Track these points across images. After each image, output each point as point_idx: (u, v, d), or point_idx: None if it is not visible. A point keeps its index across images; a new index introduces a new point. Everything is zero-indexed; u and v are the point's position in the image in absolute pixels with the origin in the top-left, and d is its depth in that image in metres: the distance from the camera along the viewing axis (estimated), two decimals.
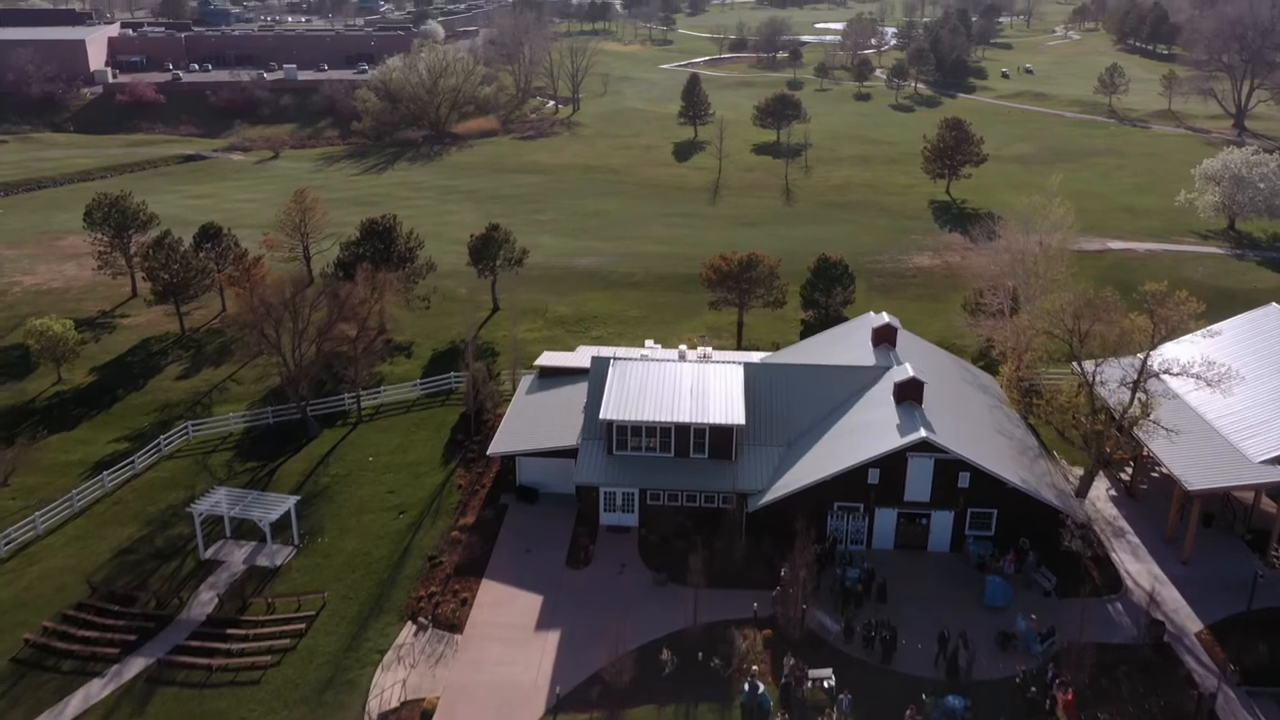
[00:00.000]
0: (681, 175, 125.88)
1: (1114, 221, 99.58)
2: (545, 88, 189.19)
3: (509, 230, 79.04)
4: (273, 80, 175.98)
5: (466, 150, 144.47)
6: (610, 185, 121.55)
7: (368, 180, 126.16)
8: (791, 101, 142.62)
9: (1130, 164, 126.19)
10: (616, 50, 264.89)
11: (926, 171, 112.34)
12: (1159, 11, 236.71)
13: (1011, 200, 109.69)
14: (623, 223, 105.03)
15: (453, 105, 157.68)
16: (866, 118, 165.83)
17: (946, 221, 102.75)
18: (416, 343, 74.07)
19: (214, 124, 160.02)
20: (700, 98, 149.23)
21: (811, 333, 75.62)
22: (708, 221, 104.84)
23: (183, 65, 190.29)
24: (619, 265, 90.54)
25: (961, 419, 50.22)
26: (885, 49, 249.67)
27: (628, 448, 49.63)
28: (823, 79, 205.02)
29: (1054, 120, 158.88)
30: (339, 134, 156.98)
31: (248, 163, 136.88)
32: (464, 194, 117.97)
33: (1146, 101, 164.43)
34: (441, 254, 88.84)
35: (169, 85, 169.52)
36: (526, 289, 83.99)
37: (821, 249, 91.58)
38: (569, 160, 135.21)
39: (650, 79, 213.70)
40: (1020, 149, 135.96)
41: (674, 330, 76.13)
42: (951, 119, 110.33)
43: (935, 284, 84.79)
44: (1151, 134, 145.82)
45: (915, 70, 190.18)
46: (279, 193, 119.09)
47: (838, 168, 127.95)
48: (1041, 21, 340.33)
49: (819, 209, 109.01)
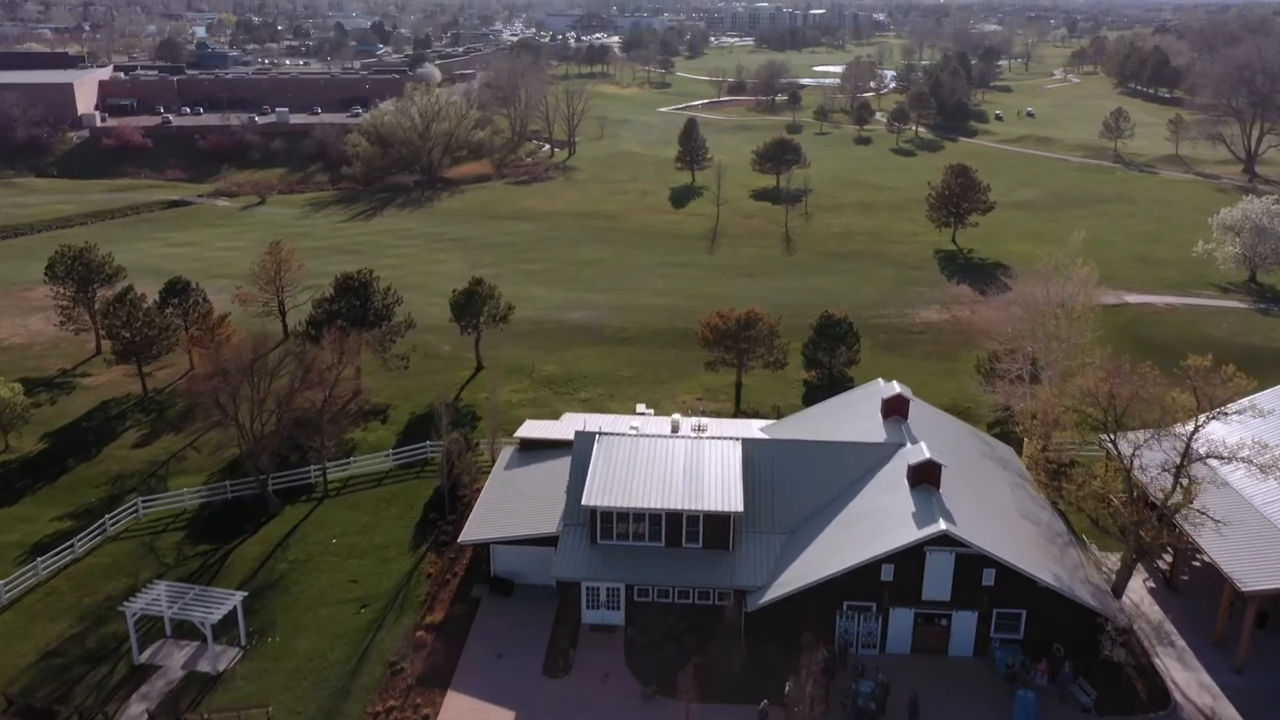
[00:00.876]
0: (678, 222, 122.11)
1: (1128, 272, 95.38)
2: (541, 131, 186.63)
3: (493, 285, 74.71)
4: (264, 124, 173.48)
5: (458, 196, 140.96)
6: (604, 233, 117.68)
7: (354, 227, 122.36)
8: (791, 146, 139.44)
9: (1141, 211, 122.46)
10: (614, 93, 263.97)
11: (931, 219, 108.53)
12: (1159, 55, 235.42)
13: (1020, 249, 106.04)
14: (616, 273, 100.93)
15: (445, 149, 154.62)
16: (867, 162, 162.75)
17: (953, 272, 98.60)
18: (394, 406, 69.37)
19: (202, 168, 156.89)
20: (698, 142, 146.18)
21: (815, 394, 71.30)
22: (705, 272, 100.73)
23: (174, 108, 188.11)
24: (611, 319, 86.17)
25: (983, 503, 45.39)
26: (884, 92, 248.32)
27: (613, 536, 44.75)
28: (822, 122, 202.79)
29: (1059, 165, 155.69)
30: (329, 179, 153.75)
31: (233, 209, 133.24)
32: (453, 242, 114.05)
33: (1153, 146, 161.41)
34: (425, 307, 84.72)
35: (157, 129, 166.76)
36: (513, 345, 79.68)
37: (823, 301, 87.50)
38: (562, 206, 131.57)
39: (648, 122, 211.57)
40: (1026, 195, 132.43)
41: (668, 392, 71.57)
42: (957, 165, 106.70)
43: (944, 341, 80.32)
44: (1160, 180, 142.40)
45: (916, 114, 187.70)
46: (262, 240, 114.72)
47: (839, 215, 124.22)
48: (1040, 65, 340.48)
49: (820, 258, 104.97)
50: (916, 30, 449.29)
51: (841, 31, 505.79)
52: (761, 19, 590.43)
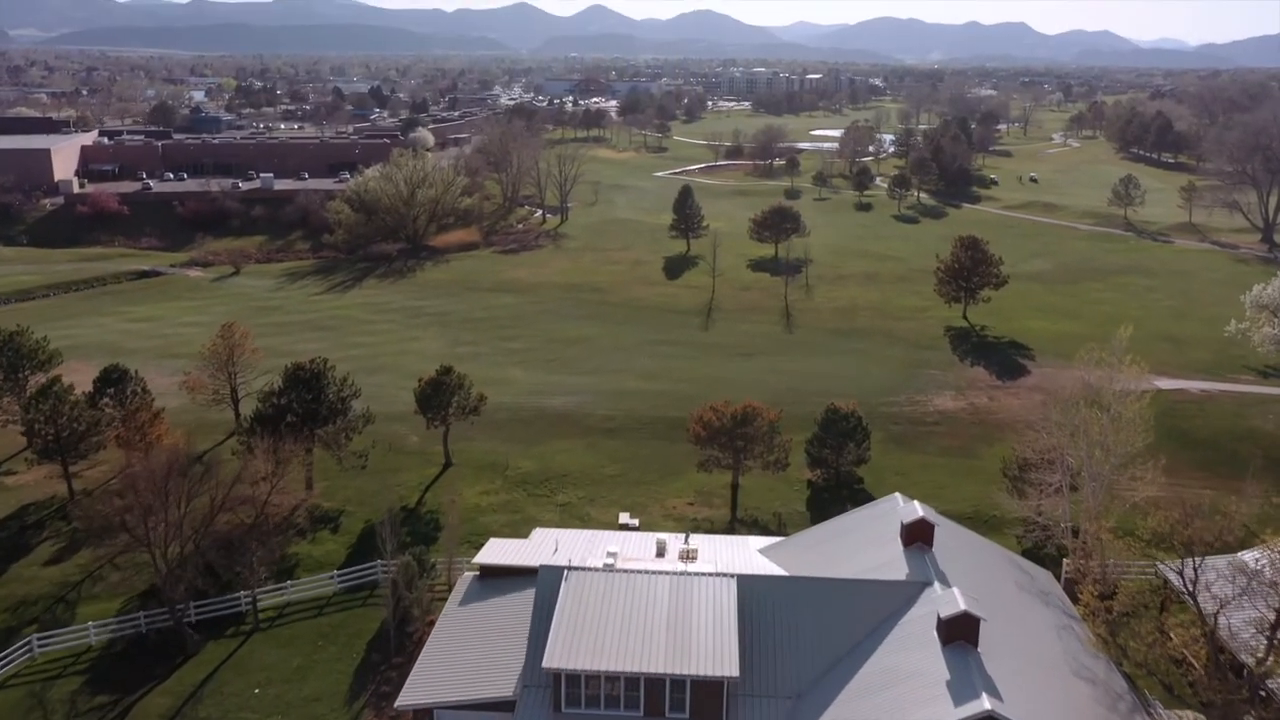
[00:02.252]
0: (672, 295, 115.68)
1: (1156, 353, 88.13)
2: (533, 196, 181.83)
3: (463, 375, 67.63)
4: (248, 189, 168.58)
5: (442, 266, 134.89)
6: (593, 307, 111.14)
7: (330, 300, 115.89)
8: (790, 214, 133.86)
9: (1161, 284, 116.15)
10: (610, 157, 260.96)
11: (940, 294, 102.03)
12: (1162, 121, 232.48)
13: (1037, 327, 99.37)
14: (604, 352, 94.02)
15: (431, 217, 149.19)
16: (869, 230, 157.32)
17: (967, 352, 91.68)
18: (347, 512, 61.74)
19: (178, 236, 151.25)
20: (693, 210, 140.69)
21: (820, 497, 63.86)
22: (699, 351, 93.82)
23: (158, 174, 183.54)
24: (596, 406, 78.97)
25: (1029, 662, 37.58)
26: (883, 156, 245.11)
27: (581, 703, 36.84)
28: (821, 187, 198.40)
29: (1068, 233, 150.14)
30: (310, 247, 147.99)
31: (204, 280, 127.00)
32: (432, 317, 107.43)
33: (1165, 214, 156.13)
34: (395, 391, 77.87)
35: (136, 195, 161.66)
36: (487, 436, 72.47)
37: (828, 387, 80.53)
38: (550, 277, 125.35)
39: (643, 187, 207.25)
40: (1037, 265, 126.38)
41: (656, 494, 64.04)
42: (967, 238, 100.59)
43: (962, 433, 72.97)
44: (1176, 249, 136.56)
45: (918, 180, 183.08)
46: (230, 315, 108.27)
47: (842, 287, 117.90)
48: (1039, 129, 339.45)
49: (823, 336, 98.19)
50: (913, 95, 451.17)
51: (838, 96, 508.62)
52: (758, 84, 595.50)
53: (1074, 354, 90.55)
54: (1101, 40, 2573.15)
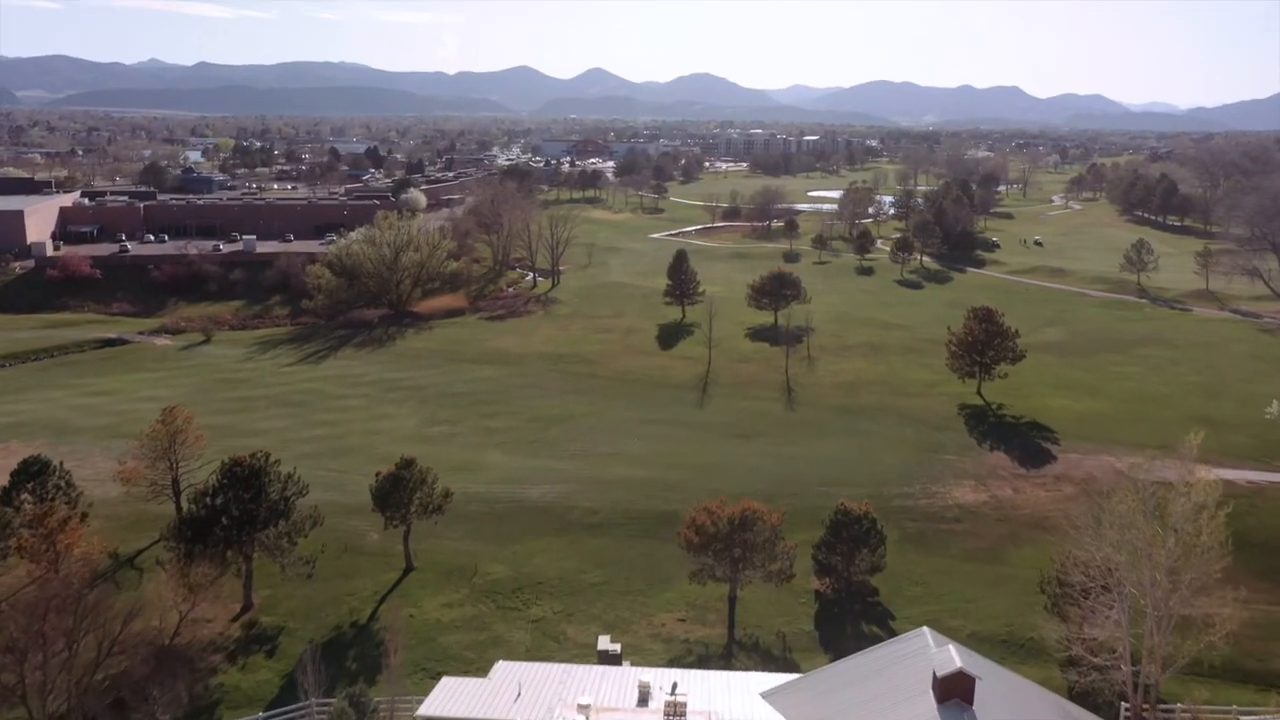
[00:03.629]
0: (665, 367, 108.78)
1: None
2: (524, 259, 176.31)
3: (426, 469, 60.22)
4: (229, 252, 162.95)
5: (424, 334, 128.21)
6: (581, 380, 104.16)
7: (301, 372, 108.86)
8: (790, 280, 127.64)
9: (1185, 356, 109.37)
10: (605, 218, 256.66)
11: (952, 368, 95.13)
12: (1167, 183, 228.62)
13: (1057, 405, 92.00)
14: (591, 432, 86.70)
15: (415, 282, 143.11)
16: (872, 296, 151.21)
17: (984, 434, 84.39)
18: (289, 629, 53.88)
19: (151, 301, 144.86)
20: (688, 275, 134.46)
21: (829, 612, 56.15)
22: (693, 432, 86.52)
23: (138, 236, 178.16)
24: (580, 496, 71.44)
25: None
26: (883, 219, 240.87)
27: None
28: (821, 251, 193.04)
29: (1080, 300, 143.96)
30: (288, 313, 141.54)
31: (172, 349, 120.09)
32: (409, 391, 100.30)
33: (1179, 280, 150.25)
34: (359, 478, 70.38)
35: (111, 258, 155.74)
36: (457, 533, 64.94)
37: (834, 475, 73.21)
38: (537, 346, 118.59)
39: (638, 249, 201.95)
40: (1051, 335, 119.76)
41: (643, 607, 56.29)
42: (980, 309, 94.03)
43: (986, 532, 65.38)
44: (1195, 319, 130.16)
45: (920, 243, 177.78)
46: (193, 388, 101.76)
47: (846, 359, 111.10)
48: (1039, 191, 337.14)
49: (827, 415, 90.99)
50: (910, 156, 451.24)
51: (835, 157, 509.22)
52: (756, 145, 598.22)
53: (1101, 436, 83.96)
54: (1093, 104, 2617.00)
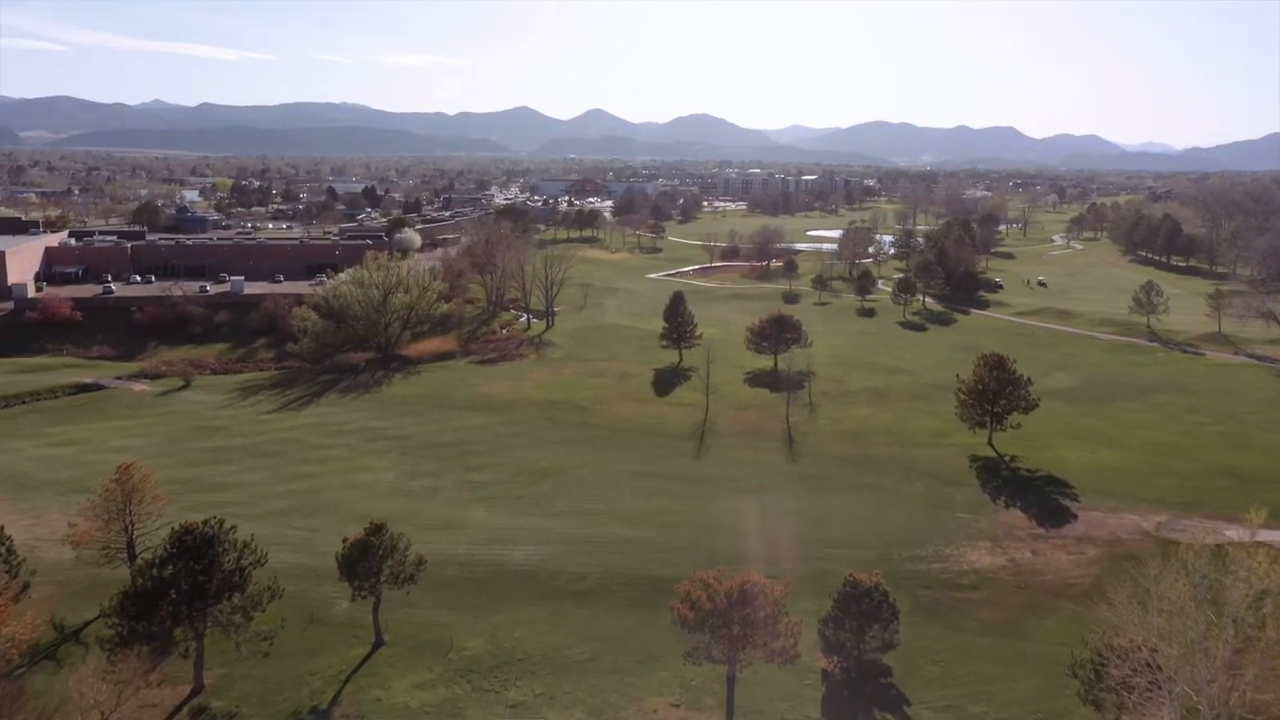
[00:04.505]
0: (661, 415, 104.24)
1: (1220, 494, 76.69)
2: (518, 300, 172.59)
3: (398, 535, 55.47)
4: (216, 293, 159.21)
5: (412, 378, 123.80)
6: (573, 429, 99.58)
7: (281, 420, 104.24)
8: (790, 323, 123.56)
9: (1202, 404, 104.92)
10: (602, 258, 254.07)
11: (962, 417, 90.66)
12: (1171, 224, 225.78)
13: (1074, 458, 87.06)
14: (581, 487, 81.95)
15: (405, 324, 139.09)
16: (874, 338, 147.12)
17: (998, 489, 79.67)
18: (241, 714, 48.90)
19: (132, 344, 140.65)
20: (685, 318, 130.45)
21: (838, 696, 51.14)
22: (691, 486, 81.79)
23: (125, 276, 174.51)
24: (567, 559, 66.61)
25: None
26: (883, 259, 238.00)
27: None
28: (821, 291, 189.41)
29: (1089, 343, 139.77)
30: (273, 356, 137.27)
31: (149, 394, 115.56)
32: (391, 441, 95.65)
33: (1190, 322, 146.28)
34: (332, 538, 65.36)
35: (93, 300, 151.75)
36: (433, 601, 60.17)
37: (840, 534, 68.51)
38: (528, 392, 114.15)
39: (635, 290, 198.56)
40: (1061, 381, 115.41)
41: (632, 690, 51.30)
42: (991, 356, 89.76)
43: (1005, 601, 60.48)
44: (1210, 363, 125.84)
45: (923, 284, 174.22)
46: (166, 437, 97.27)
47: (849, 405, 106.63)
48: (1039, 230, 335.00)
49: (831, 467, 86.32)
50: (908, 196, 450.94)
51: (834, 196, 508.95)
52: (754, 184, 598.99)
53: (1122, 491, 79.14)
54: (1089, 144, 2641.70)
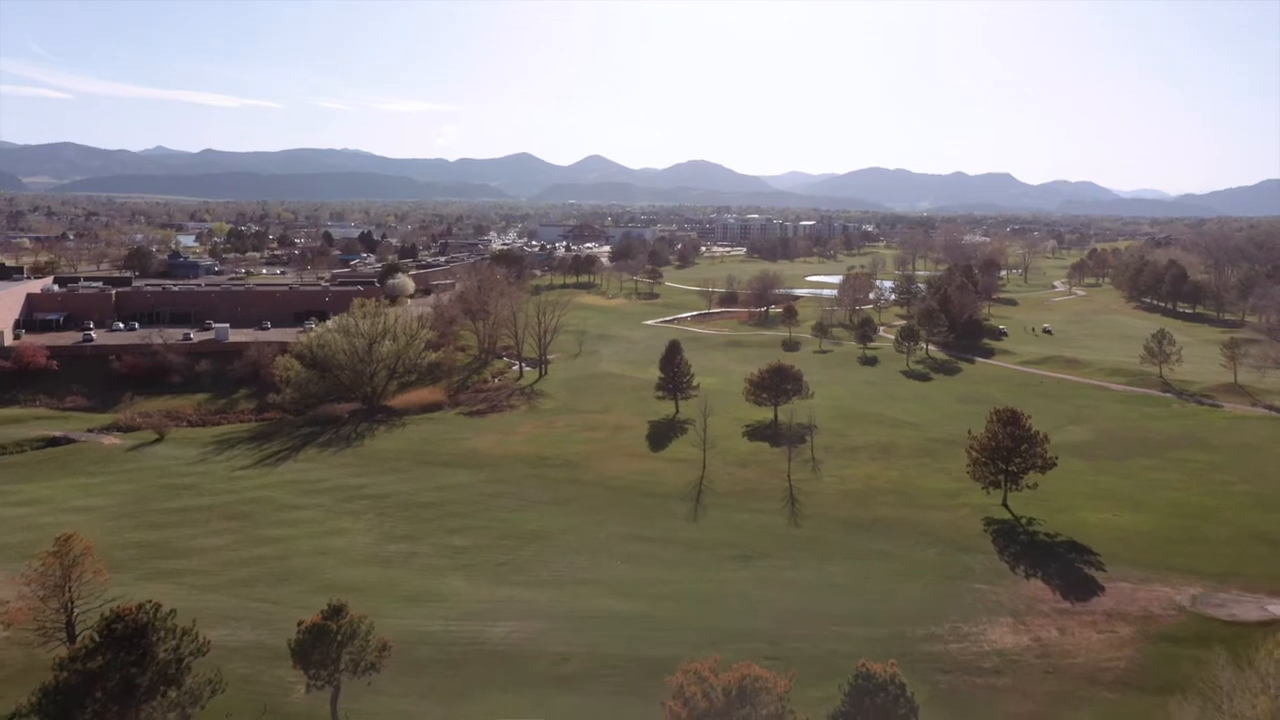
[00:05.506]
0: (655, 472, 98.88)
1: (1257, 563, 71.17)
2: (511, 348, 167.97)
3: (359, 620, 49.99)
4: (199, 340, 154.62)
5: (396, 431, 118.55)
6: (562, 487, 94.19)
7: (254, 477, 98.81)
8: (790, 374, 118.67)
9: (1226, 460, 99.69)
10: (599, 304, 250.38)
11: (974, 476, 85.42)
12: (1176, 270, 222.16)
13: (1096, 520, 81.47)
14: (568, 554, 76.38)
15: (391, 374, 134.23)
16: (877, 388, 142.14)
17: (1017, 556, 74.14)
18: None
19: (108, 394, 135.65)
20: (681, 368, 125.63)
21: None
22: (685, 553, 76.24)
23: (107, 323, 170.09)
24: (550, 638, 60.96)
25: None
26: (884, 305, 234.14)
27: None
28: (821, 339, 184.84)
29: (1100, 394, 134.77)
30: (254, 407, 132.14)
31: (120, 449, 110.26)
32: (369, 501, 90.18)
33: (1203, 372, 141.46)
34: (297, 610, 60.26)
35: (72, 348, 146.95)
36: (399, 687, 54.43)
37: (848, 609, 62.91)
38: (517, 447, 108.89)
39: (631, 337, 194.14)
40: (1075, 435, 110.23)
41: None
42: (1005, 411, 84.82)
43: (1033, 689, 54.71)
44: (1229, 416, 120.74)
45: (926, 332, 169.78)
46: (131, 497, 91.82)
47: (853, 462, 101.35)
48: (1040, 276, 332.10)
49: (836, 531, 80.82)
50: (906, 241, 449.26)
51: (833, 242, 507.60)
52: (752, 229, 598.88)
53: (1150, 559, 73.42)
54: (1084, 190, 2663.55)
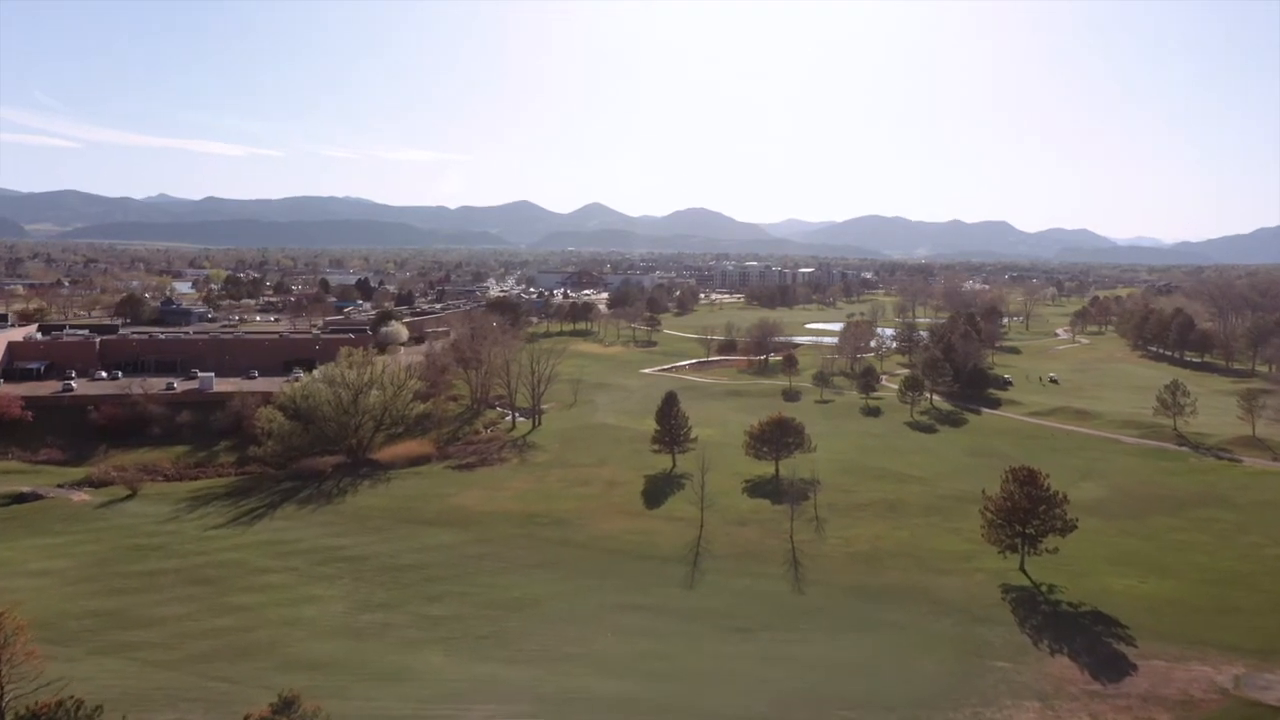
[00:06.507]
0: (650, 532, 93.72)
1: None
2: (504, 398, 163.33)
3: (315, 708, 44.78)
4: (182, 390, 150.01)
5: (380, 486, 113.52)
6: (551, 549, 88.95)
7: (227, 537, 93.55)
8: (792, 426, 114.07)
9: (1252, 520, 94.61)
10: (596, 352, 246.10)
11: (989, 539, 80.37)
12: (1183, 318, 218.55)
13: (1121, 587, 76.04)
14: (555, 624, 71.00)
15: (378, 426, 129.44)
16: (881, 440, 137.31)
17: (1040, 629, 68.80)
18: None
19: (84, 447, 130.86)
20: (678, 420, 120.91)
21: None
22: (682, 623, 70.88)
23: (90, 372, 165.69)
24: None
25: None
26: (885, 353, 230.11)
27: None
28: (822, 389, 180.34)
29: (1113, 448, 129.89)
30: (235, 461, 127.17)
31: (89, 506, 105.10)
32: (345, 564, 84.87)
33: (1219, 424, 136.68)
34: (258, 690, 55.01)
35: (49, 398, 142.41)
36: None
37: (858, 690, 57.42)
38: (505, 503, 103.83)
39: (628, 386, 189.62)
40: (1090, 492, 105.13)
41: None
42: (1021, 470, 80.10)
43: None
44: (1248, 471, 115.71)
45: (930, 382, 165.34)
46: (93, 559, 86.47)
47: (859, 521, 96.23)
48: (1042, 324, 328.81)
49: (843, 599, 75.51)
50: (906, 289, 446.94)
51: (832, 289, 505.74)
52: (751, 276, 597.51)
53: (1184, 633, 67.45)
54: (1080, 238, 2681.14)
